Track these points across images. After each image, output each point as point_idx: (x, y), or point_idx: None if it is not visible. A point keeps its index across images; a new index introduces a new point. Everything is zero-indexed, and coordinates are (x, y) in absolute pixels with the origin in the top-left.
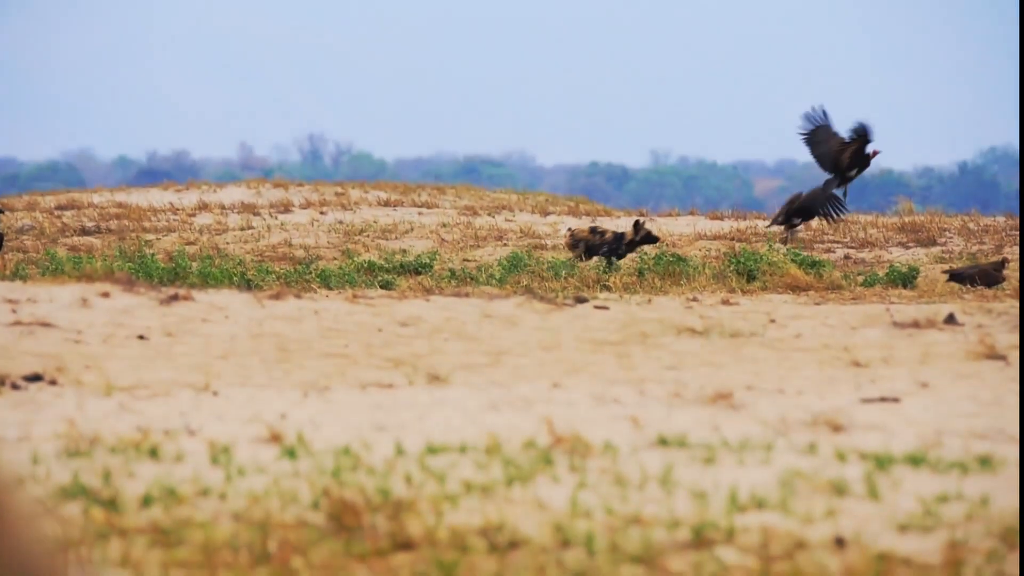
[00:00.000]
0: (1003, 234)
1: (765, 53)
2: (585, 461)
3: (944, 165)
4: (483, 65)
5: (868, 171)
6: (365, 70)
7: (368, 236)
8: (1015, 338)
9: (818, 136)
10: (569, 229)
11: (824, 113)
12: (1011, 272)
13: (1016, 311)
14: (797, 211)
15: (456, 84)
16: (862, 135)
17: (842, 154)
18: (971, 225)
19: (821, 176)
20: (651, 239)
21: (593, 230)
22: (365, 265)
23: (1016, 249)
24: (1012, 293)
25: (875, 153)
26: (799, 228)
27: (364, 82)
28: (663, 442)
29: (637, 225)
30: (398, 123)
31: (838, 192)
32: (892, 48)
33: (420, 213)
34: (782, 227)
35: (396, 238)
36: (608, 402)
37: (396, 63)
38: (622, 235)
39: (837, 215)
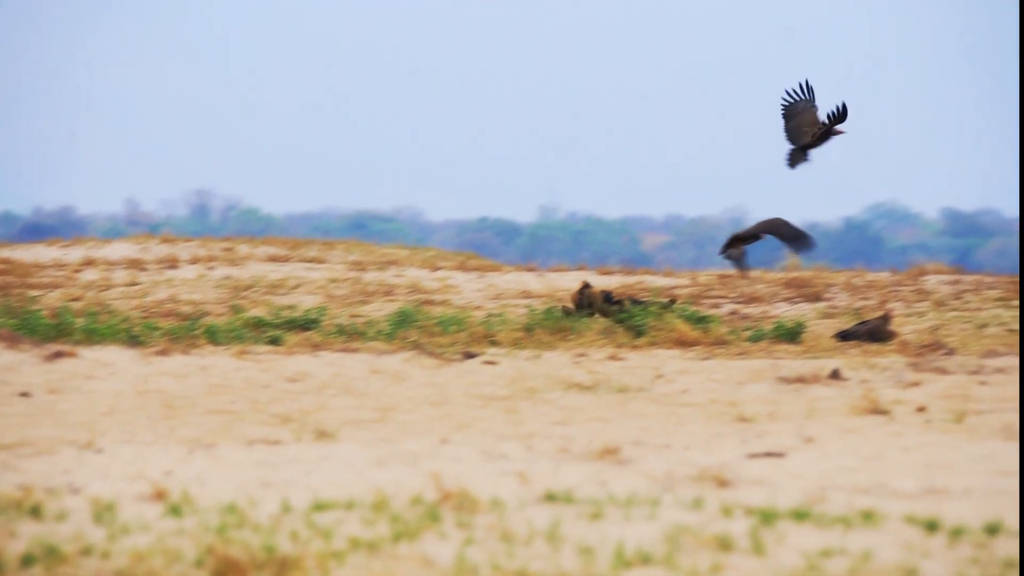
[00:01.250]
0: (887, 289)
1: (651, 111)
2: (472, 517)
3: (829, 220)
4: (372, 120)
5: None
6: (253, 125)
7: (256, 291)
8: (899, 393)
9: (795, 108)
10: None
11: (808, 87)
12: (895, 327)
13: (899, 366)
14: (766, 230)
15: (345, 139)
16: (838, 119)
17: (810, 132)
18: (856, 280)
19: (707, 232)
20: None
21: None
22: (253, 321)
23: (896, 304)
24: (897, 348)
25: (840, 132)
26: (745, 263)
27: (252, 137)
28: (550, 498)
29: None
30: (287, 178)
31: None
32: (776, 106)
33: (309, 268)
34: (736, 250)
35: (284, 293)
36: (496, 457)
37: (285, 118)
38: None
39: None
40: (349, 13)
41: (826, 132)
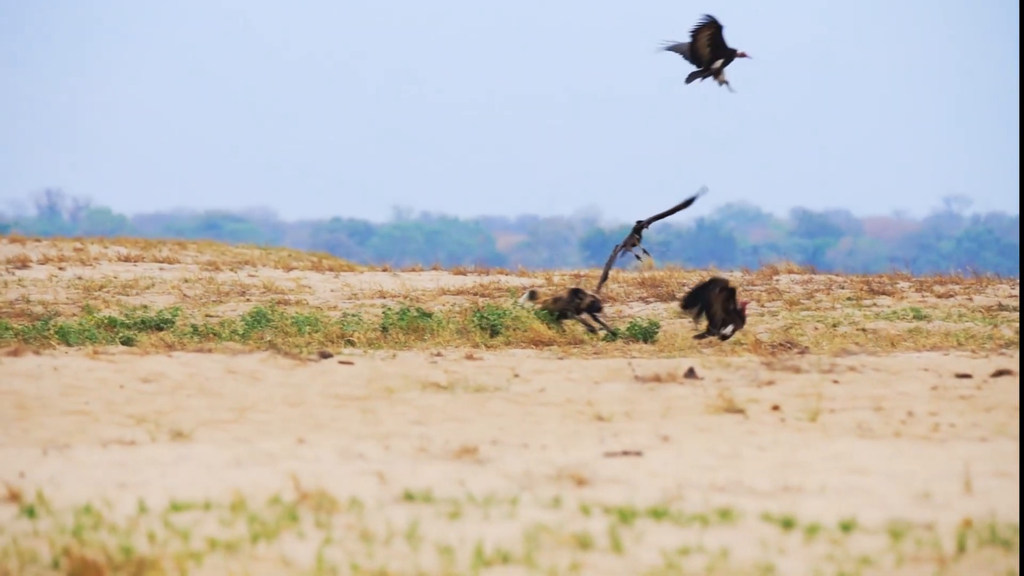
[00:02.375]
0: (741, 288)
1: (506, 111)
2: (331, 517)
3: (682, 221)
4: (224, 119)
5: (607, 226)
6: (103, 124)
7: (108, 292)
8: (753, 392)
9: (677, 45)
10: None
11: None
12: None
13: (754, 365)
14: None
15: (197, 139)
16: (708, 23)
17: (698, 44)
18: None
19: (561, 232)
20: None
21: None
22: (106, 321)
23: (751, 303)
24: (750, 348)
25: (742, 54)
26: (638, 252)
27: (103, 136)
28: (409, 497)
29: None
30: (138, 178)
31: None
32: (628, 109)
33: (161, 268)
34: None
35: (137, 294)
36: (354, 457)
37: (135, 116)
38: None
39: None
40: (201, 11)
41: (723, 47)
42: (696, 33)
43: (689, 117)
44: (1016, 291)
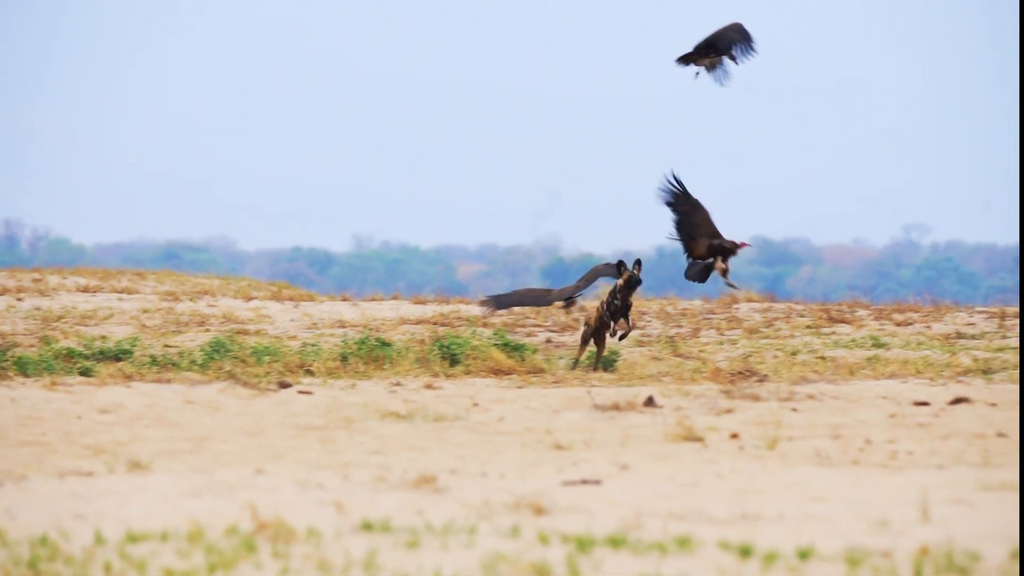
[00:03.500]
0: (700, 317)
1: (464, 140)
2: (289, 547)
3: (642, 249)
4: (182, 150)
5: (568, 255)
6: (62, 154)
7: (67, 322)
8: (712, 420)
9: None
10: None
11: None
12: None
13: (713, 394)
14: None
15: (156, 169)
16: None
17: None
18: (669, 308)
19: (521, 261)
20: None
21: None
22: (64, 352)
23: (709, 332)
24: (709, 376)
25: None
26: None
27: (62, 166)
28: (367, 527)
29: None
30: (97, 208)
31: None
32: (587, 131)
33: (120, 299)
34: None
35: (96, 324)
36: (312, 487)
37: (95, 146)
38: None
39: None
40: (159, 42)
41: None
42: (724, 34)
43: (649, 146)
44: (973, 319)
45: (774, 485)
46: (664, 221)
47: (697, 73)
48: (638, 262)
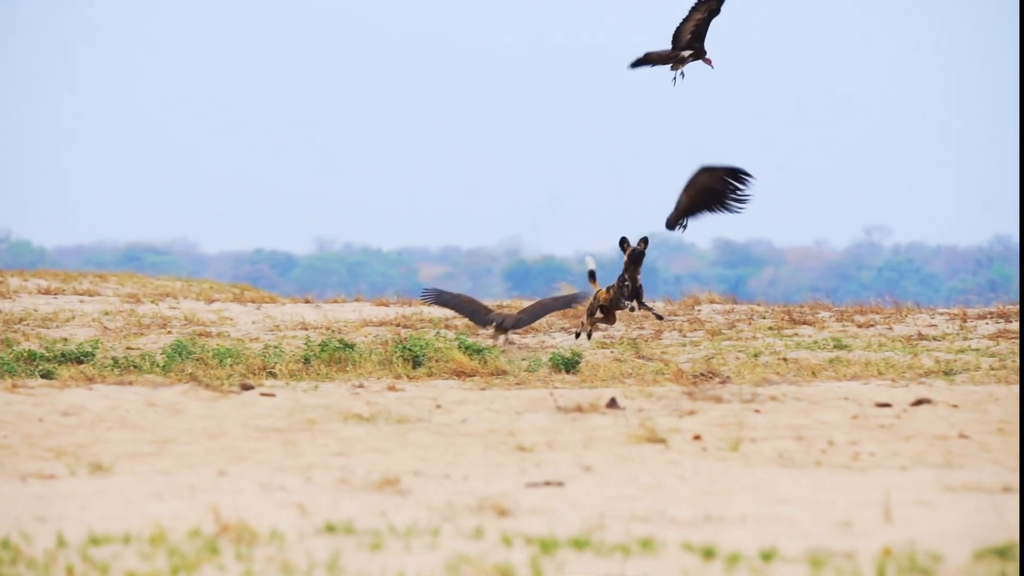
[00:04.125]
0: (663, 319)
1: (426, 142)
2: (252, 549)
3: (605, 251)
4: (142, 151)
5: (530, 257)
6: (21, 156)
7: (28, 325)
8: (675, 422)
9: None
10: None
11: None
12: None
13: (676, 395)
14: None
15: (118, 171)
16: (708, 3)
17: (687, 22)
18: (631, 310)
19: (483, 263)
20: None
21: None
22: (25, 354)
23: (672, 334)
24: (672, 378)
25: (708, 60)
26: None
27: (22, 169)
28: (330, 529)
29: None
30: (58, 211)
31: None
32: (560, 137)
33: (82, 301)
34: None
35: (57, 326)
36: (275, 489)
37: (55, 148)
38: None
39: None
40: (122, 44)
41: (701, 51)
42: (694, 9)
43: (611, 150)
44: (935, 320)
45: (737, 486)
46: (638, 215)
47: (675, 78)
48: (644, 239)
